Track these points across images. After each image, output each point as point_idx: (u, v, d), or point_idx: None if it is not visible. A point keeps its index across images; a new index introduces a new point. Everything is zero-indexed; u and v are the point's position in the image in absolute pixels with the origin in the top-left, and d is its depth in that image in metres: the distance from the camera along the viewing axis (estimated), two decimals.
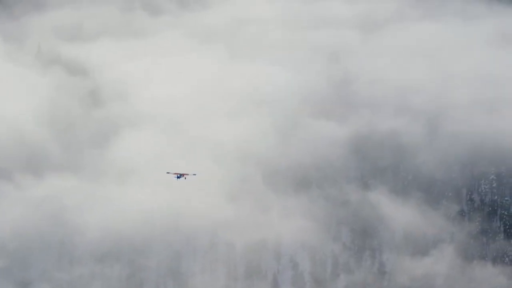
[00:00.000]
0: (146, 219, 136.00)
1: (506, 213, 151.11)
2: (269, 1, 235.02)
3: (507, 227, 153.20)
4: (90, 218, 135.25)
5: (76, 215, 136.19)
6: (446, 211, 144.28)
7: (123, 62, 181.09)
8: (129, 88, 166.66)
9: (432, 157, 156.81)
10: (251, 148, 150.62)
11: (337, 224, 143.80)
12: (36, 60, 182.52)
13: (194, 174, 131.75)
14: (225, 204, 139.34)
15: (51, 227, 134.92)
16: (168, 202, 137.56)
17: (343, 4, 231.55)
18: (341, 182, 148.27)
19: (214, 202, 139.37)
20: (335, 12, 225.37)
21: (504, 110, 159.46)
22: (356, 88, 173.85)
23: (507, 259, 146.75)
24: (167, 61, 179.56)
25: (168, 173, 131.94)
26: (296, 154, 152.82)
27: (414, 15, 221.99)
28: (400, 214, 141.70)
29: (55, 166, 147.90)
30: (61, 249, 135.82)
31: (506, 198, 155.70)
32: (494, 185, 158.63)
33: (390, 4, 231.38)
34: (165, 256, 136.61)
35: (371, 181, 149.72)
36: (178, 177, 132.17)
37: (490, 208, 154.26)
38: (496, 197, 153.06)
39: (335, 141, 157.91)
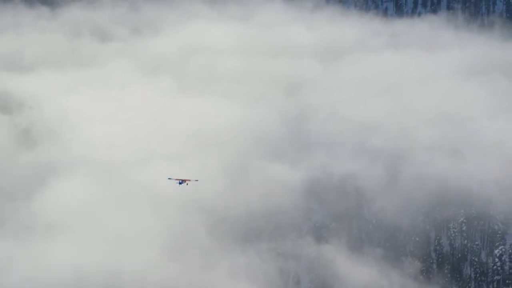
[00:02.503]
0: (77, 280, 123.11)
1: (476, 259, 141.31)
2: (225, 28, 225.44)
3: (477, 274, 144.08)
4: (12, 280, 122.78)
5: None
6: (408, 268, 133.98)
7: (61, 96, 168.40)
8: (64, 127, 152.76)
9: (394, 202, 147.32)
10: (195, 195, 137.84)
11: (289, 282, 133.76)
12: None
13: (196, 180, 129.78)
14: (166, 261, 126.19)
15: None
16: (101, 260, 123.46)
17: (303, 31, 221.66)
18: (294, 234, 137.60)
19: (153, 259, 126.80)
20: (294, 40, 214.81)
21: (469, 151, 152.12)
22: (312, 126, 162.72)
23: None
24: (110, 95, 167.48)
25: (169, 179, 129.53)
26: (245, 202, 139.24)
27: (377, 44, 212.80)
28: (358, 271, 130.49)
29: None
30: None
31: (476, 243, 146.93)
32: (464, 228, 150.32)
33: (352, 31, 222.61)
34: None
35: (327, 233, 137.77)
36: (180, 183, 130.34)
37: (460, 255, 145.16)
38: (466, 241, 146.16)
39: (288, 186, 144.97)
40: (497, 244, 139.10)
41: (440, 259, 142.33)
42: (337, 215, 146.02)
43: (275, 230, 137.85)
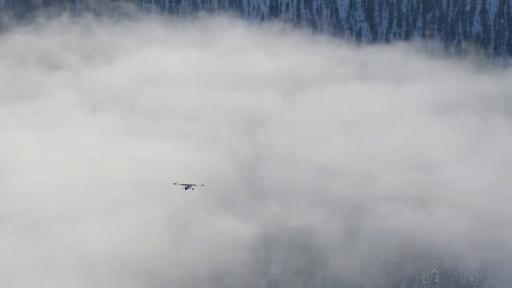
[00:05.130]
0: None
1: None
2: (183, 55, 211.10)
3: None
4: None
5: None
6: None
7: None
8: None
9: (356, 257, 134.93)
10: (132, 255, 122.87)
11: None
12: None
13: (202, 185, 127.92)
14: None
15: None
16: None
17: (266, 59, 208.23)
18: None
19: None
20: (255, 69, 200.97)
21: (435, 202, 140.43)
22: (267, 170, 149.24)
23: None
24: (45, 135, 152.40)
25: (175, 184, 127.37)
26: (188, 261, 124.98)
27: (344, 74, 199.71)
28: None
29: None
30: None
31: None
32: (437, 280, 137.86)
33: (318, 59, 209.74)
34: None
35: None
36: (186, 188, 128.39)
37: None
38: None
39: (238, 242, 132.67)
40: None
41: None
42: (293, 272, 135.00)
43: None
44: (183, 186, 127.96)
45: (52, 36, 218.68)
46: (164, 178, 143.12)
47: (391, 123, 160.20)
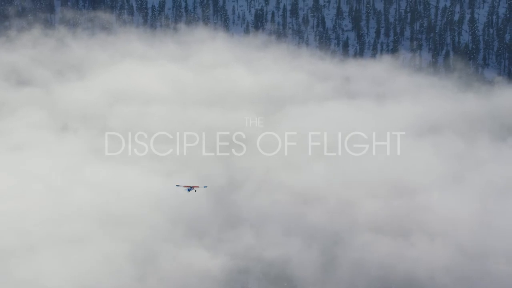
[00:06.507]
0: None
1: None
2: (159, 70, 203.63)
3: None
4: None
5: None
6: None
7: None
8: None
9: None
10: None
11: None
12: None
13: (205, 187, 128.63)
14: None
15: None
16: None
17: (244, 75, 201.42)
18: None
19: None
20: (233, 84, 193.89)
21: (416, 232, 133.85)
22: (240, 197, 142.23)
23: None
24: (2, 160, 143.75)
25: (177, 186, 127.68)
26: None
27: (324, 91, 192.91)
28: None
29: None
30: None
31: None
32: None
33: (299, 75, 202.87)
34: None
35: None
36: (188, 190, 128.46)
37: None
38: None
39: (207, 276, 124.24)
40: None
41: None
42: None
43: None
44: (186, 188, 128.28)
45: (23, 49, 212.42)
46: (130, 206, 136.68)
47: (372, 146, 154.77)
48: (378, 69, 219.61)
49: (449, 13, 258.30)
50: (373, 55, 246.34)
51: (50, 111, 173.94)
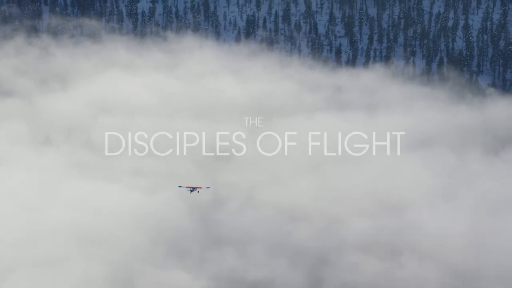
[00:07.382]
0: None
1: None
2: (145, 79, 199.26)
3: None
4: None
5: None
6: None
7: None
8: None
9: None
10: None
11: None
12: None
13: (208, 187, 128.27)
14: None
15: None
16: None
17: (232, 84, 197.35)
18: None
19: None
20: (220, 95, 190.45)
21: (406, 252, 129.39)
22: (223, 215, 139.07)
23: None
24: None
25: (180, 187, 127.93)
26: None
27: (314, 101, 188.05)
28: None
29: None
30: None
31: None
32: None
33: (288, 84, 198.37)
34: None
35: None
36: (191, 191, 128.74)
37: None
38: None
39: None
40: None
41: None
42: None
43: None
44: (188, 189, 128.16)
45: (5, 58, 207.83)
46: (109, 225, 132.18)
47: (361, 161, 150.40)
48: (370, 78, 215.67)
49: (443, 19, 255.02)
50: (366, 62, 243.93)
51: (32, 123, 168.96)
